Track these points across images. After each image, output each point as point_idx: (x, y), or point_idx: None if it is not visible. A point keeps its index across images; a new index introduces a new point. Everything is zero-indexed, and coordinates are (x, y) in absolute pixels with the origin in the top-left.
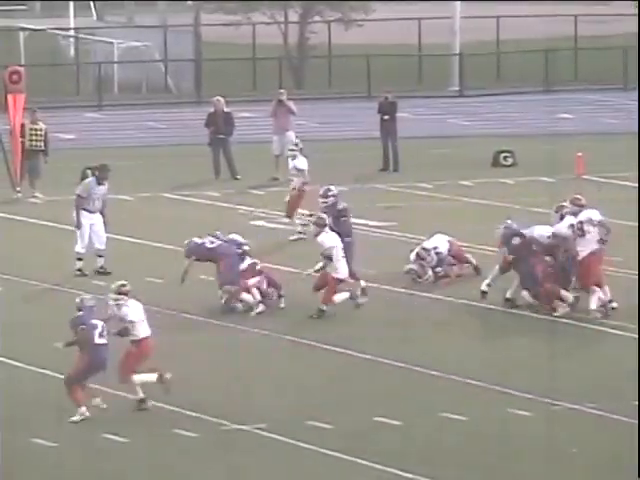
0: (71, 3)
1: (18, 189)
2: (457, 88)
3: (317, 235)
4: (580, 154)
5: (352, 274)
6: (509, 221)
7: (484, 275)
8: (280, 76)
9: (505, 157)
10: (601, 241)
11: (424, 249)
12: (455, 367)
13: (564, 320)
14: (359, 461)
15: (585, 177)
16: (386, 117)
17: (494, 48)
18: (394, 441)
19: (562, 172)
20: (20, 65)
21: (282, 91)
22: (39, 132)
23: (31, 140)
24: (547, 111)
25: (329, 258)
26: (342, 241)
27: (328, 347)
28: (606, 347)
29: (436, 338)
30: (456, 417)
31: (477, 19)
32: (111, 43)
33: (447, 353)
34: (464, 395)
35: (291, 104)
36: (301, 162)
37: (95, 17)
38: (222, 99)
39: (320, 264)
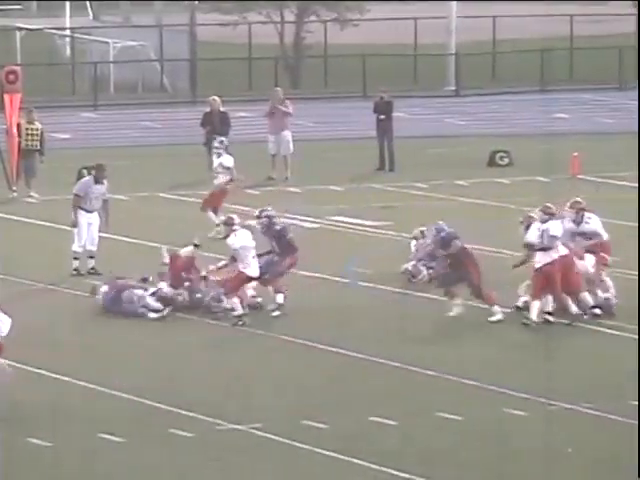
0: (67, 3)
1: (14, 189)
2: (453, 88)
3: (226, 236)
4: (576, 154)
5: (278, 286)
6: (441, 222)
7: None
8: (276, 76)
9: (501, 157)
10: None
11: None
12: (452, 367)
13: (561, 320)
14: (355, 461)
15: (581, 177)
16: (382, 117)
17: (490, 48)
18: (391, 441)
19: (558, 172)
20: (16, 64)
21: (278, 89)
22: (35, 132)
23: (27, 140)
24: (543, 111)
25: (233, 258)
26: (286, 259)
27: (324, 347)
28: (603, 347)
29: (432, 338)
30: (453, 417)
31: (473, 19)
32: (107, 43)
33: (444, 353)
34: (461, 395)
35: (288, 103)
36: (227, 160)
37: (91, 17)
38: (218, 99)
39: (223, 262)
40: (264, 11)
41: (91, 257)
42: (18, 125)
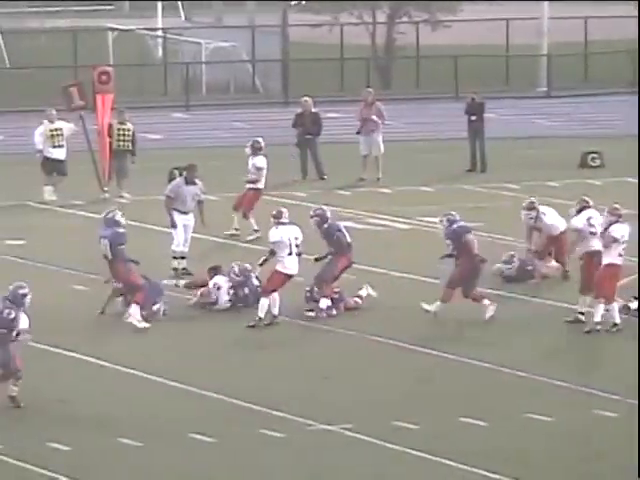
0: (159, 3)
1: (106, 189)
2: (545, 89)
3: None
4: None
5: (328, 291)
6: (454, 213)
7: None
8: (367, 77)
9: (593, 158)
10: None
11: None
12: (540, 368)
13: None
14: (445, 461)
15: None
16: (473, 118)
17: (582, 49)
18: (480, 442)
19: None
20: (108, 65)
21: (370, 90)
22: (127, 132)
23: (119, 140)
24: (636, 111)
25: (272, 252)
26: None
27: (413, 347)
28: None
29: (521, 339)
30: (542, 418)
31: (565, 20)
32: (199, 43)
33: (532, 354)
34: (550, 396)
35: (379, 105)
36: (260, 160)
37: (183, 17)
38: (310, 99)
39: (263, 257)
40: (356, 12)
41: (182, 258)
42: (110, 126)
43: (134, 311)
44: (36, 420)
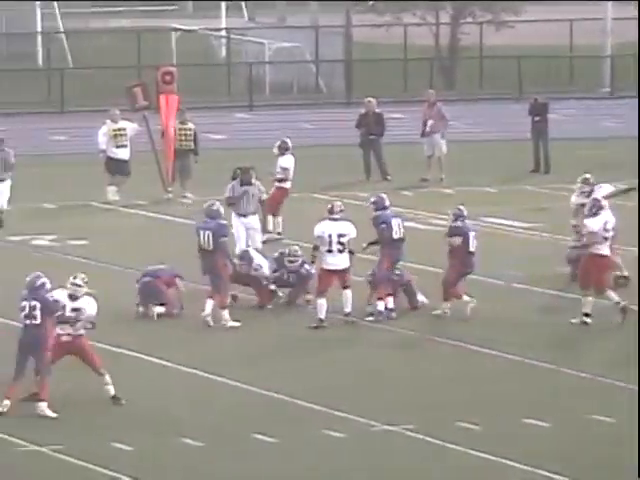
0: (223, 4)
1: (169, 189)
2: (608, 89)
3: None
4: None
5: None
6: (462, 207)
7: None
8: (431, 77)
9: None
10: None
11: None
12: (602, 369)
13: None
14: (508, 463)
15: None
16: (537, 118)
17: None
18: (543, 443)
19: None
20: (172, 65)
21: (431, 91)
22: (189, 132)
23: (181, 140)
24: None
25: (315, 247)
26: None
27: (477, 348)
28: None
29: (583, 340)
30: (605, 419)
31: (628, 20)
32: (262, 43)
33: (594, 355)
34: (612, 397)
35: (440, 106)
36: (284, 160)
37: (246, 18)
38: (373, 100)
39: (311, 254)
40: (419, 12)
41: None
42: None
43: (226, 315)
44: (99, 420)
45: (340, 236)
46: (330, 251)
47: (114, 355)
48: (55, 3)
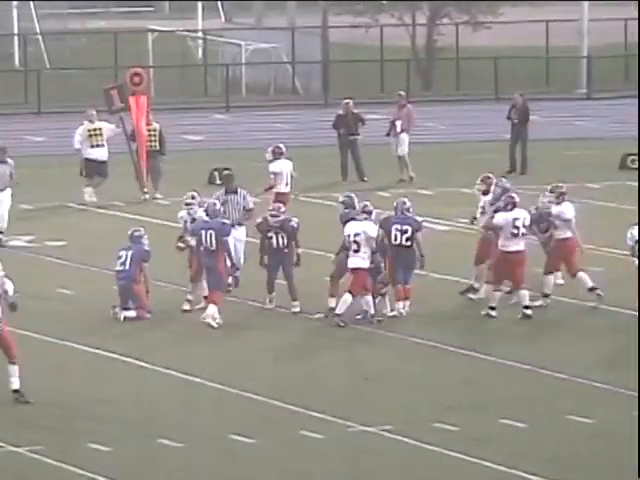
0: (199, 5)
1: (145, 190)
2: (585, 90)
3: None
4: None
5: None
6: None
7: None
8: (408, 78)
9: (633, 160)
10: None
11: None
12: (581, 369)
13: None
14: (485, 463)
15: None
16: (516, 120)
17: (622, 50)
18: (520, 444)
19: None
20: (148, 66)
21: (402, 93)
22: (153, 133)
23: (148, 141)
24: None
25: (342, 247)
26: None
27: (454, 350)
28: None
29: (562, 340)
30: (582, 420)
31: (605, 22)
32: (239, 45)
33: (573, 354)
34: (589, 397)
35: (409, 107)
36: (273, 166)
37: (223, 19)
38: (351, 101)
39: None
40: (396, 13)
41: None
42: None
43: (212, 311)
44: (77, 421)
45: (356, 235)
46: (355, 251)
47: (91, 356)
48: (31, 4)
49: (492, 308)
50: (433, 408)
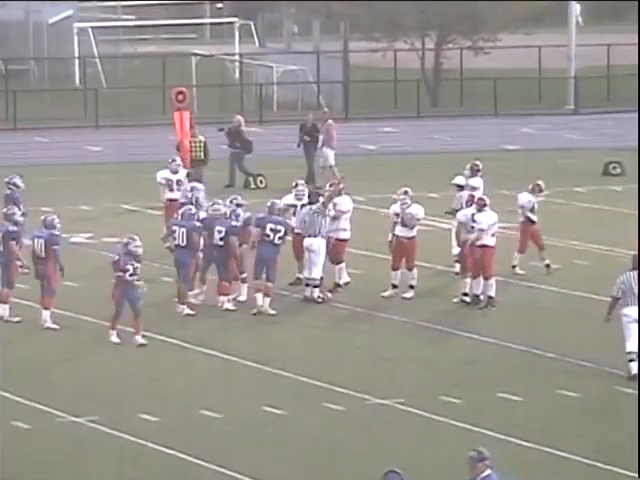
0: (237, 31)
1: None
2: (572, 107)
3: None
4: None
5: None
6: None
7: None
8: (418, 96)
9: (614, 167)
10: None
11: None
12: (570, 349)
13: None
14: (486, 432)
15: None
16: (308, 138)
17: (605, 72)
18: (517, 415)
19: None
20: (192, 86)
21: (325, 110)
22: (199, 144)
23: (192, 151)
24: None
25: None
26: None
27: (461, 333)
28: None
29: (553, 323)
30: (570, 394)
31: (590, 47)
32: (271, 67)
33: (563, 337)
34: (578, 375)
35: (331, 123)
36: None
37: (257, 44)
38: (242, 118)
39: None
40: (408, 40)
41: None
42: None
43: (45, 315)
44: (130, 395)
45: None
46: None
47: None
48: (90, 30)
49: (465, 294)
50: (440, 384)
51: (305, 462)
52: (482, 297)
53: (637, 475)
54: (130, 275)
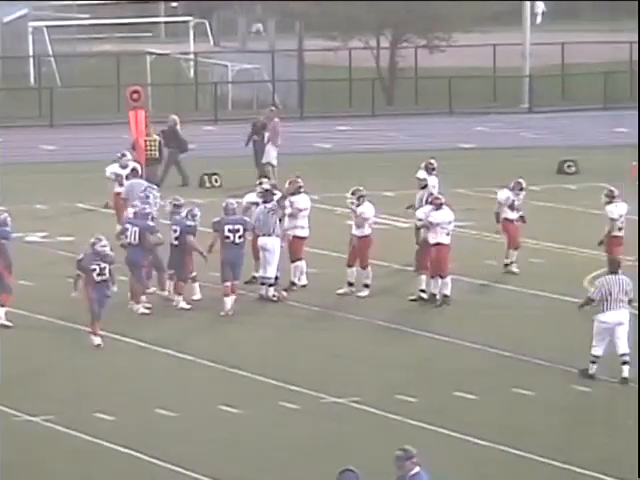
0: (191, 30)
1: None
2: (527, 105)
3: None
4: (635, 163)
5: None
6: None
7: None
8: (373, 95)
9: (568, 165)
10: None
11: None
12: (526, 349)
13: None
14: (441, 430)
15: None
16: (256, 138)
17: (560, 71)
18: (472, 413)
19: (619, 179)
20: (147, 85)
21: (272, 109)
22: (153, 143)
23: (147, 150)
24: (606, 125)
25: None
26: None
27: (418, 332)
28: None
29: (510, 324)
30: (526, 392)
31: (545, 45)
32: (226, 65)
33: (520, 337)
34: (534, 373)
35: (276, 121)
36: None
37: (212, 43)
38: (177, 117)
39: None
40: (363, 38)
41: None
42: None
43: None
44: (86, 395)
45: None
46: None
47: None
48: (45, 30)
49: (422, 291)
50: (396, 383)
51: (260, 461)
52: (438, 296)
53: (638, 475)
54: (97, 275)
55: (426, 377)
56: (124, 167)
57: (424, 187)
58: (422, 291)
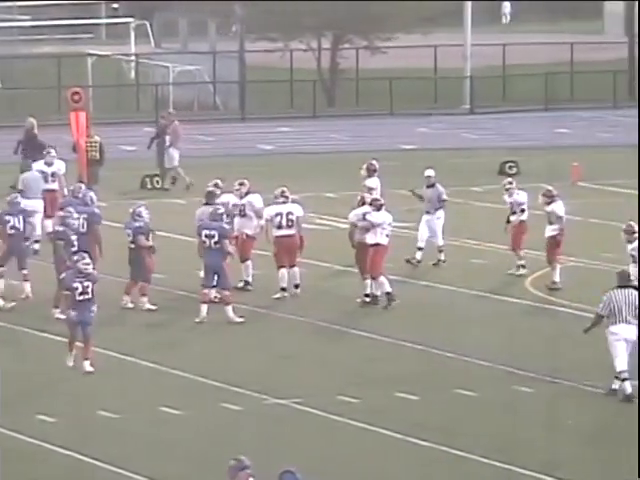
0: (132, 32)
1: None
2: (468, 106)
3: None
4: (576, 164)
5: None
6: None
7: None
8: (314, 96)
9: (510, 166)
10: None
11: None
12: (468, 350)
13: (566, 309)
14: (383, 431)
15: (581, 184)
16: (157, 139)
17: (501, 72)
18: (414, 414)
19: (560, 180)
20: (88, 86)
21: (171, 111)
22: (94, 144)
23: (88, 151)
24: (547, 126)
25: None
26: None
27: (359, 333)
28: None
29: (452, 324)
30: (468, 393)
31: (486, 47)
32: (167, 67)
33: (461, 337)
34: (475, 374)
35: (176, 124)
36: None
37: (153, 44)
38: (34, 120)
39: None
40: (305, 40)
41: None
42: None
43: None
44: (27, 396)
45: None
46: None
47: (36, 339)
48: None
49: (367, 295)
50: (338, 383)
51: (202, 462)
52: (380, 297)
53: (638, 475)
54: (80, 294)
55: (368, 378)
56: (49, 165)
57: (431, 186)
58: (366, 295)
